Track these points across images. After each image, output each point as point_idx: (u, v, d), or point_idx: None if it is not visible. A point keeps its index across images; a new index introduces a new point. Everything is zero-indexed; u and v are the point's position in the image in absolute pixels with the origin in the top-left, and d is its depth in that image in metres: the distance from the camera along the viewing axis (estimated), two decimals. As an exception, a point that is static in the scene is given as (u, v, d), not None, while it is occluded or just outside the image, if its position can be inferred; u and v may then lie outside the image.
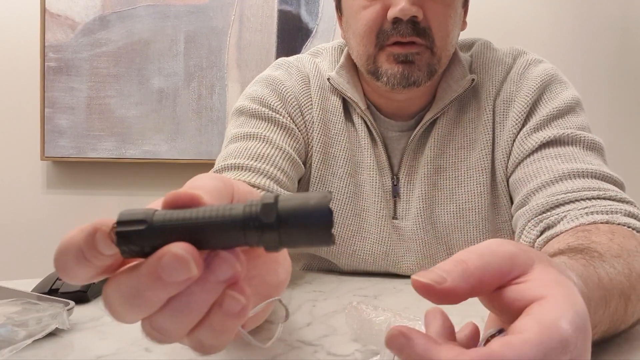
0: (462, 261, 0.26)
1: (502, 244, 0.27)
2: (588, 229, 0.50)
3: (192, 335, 0.25)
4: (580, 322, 0.24)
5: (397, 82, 0.63)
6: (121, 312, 0.24)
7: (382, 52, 0.63)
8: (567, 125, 0.62)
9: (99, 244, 0.23)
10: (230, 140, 0.68)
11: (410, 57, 0.62)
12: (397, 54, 0.62)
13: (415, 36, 0.61)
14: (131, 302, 0.23)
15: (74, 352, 0.43)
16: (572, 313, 0.24)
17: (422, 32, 0.61)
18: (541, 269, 0.27)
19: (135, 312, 0.24)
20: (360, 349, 0.44)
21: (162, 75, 1.50)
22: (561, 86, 0.66)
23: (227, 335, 0.25)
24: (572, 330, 0.23)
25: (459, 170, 0.67)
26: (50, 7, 1.48)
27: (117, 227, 0.23)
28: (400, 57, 0.62)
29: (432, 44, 0.62)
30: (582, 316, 0.25)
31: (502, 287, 0.26)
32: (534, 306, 0.25)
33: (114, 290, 0.24)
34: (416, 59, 0.62)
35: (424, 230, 0.68)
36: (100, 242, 0.23)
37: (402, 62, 0.62)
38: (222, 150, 0.68)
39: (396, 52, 0.62)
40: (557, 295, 0.25)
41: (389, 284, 0.65)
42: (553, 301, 0.25)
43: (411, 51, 0.62)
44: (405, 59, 0.62)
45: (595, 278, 0.36)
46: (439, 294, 0.25)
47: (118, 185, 1.54)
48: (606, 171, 0.58)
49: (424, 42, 0.62)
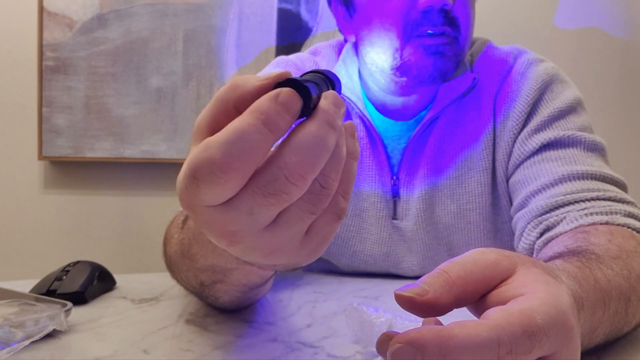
0: (443, 272, 0.26)
1: (484, 253, 0.27)
2: (587, 230, 0.49)
3: None
4: (557, 314, 0.24)
5: (429, 74, 0.60)
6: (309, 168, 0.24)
7: (410, 45, 0.60)
8: (568, 127, 0.62)
9: (288, 103, 0.23)
10: None
11: (441, 47, 0.60)
12: (429, 45, 0.59)
13: (448, 26, 0.59)
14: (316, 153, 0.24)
15: (72, 353, 0.43)
16: (546, 305, 0.24)
17: (453, 22, 0.60)
18: (523, 271, 0.27)
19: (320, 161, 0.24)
20: (361, 350, 0.43)
21: (161, 74, 1.50)
22: (562, 86, 0.65)
23: None
24: (541, 319, 0.23)
25: (459, 170, 0.67)
26: (48, 5, 1.47)
27: (303, 81, 0.25)
28: (432, 49, 0.60)
29: (459, 34, 0.61)
30: (560, 309, 0.24)
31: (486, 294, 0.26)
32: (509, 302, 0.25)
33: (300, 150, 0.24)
34: (447, 50, 0.60)
35: (424, 230, 0.68)
36: (289, 100, 0.23)
37: (433, 53, 0.60)
38: None
39: (427, 44, 0.59)
40: (535, 292, 0.25)
41: (390, 285, 0.64)
42: (529, 296, 0.25)
43: (442, 42, 0.60)
44: (437, 50, 0.60)
45: (591, 280, 0.36)
46: (422, 306, 0.25)
47: (116, 185, 1.53)
48: (607, 172, 0.57)
49: (453, 33, 0.60)
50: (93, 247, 1.51)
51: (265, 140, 0.23)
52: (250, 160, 0.23)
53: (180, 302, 0.56)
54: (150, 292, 0.60)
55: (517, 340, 0.22)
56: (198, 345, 0.45)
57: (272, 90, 0.24)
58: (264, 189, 0.24)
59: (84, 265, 0.59)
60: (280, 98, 0.23)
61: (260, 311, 0.53)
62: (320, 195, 0.25)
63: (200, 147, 0.23)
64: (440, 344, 0.22)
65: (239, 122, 0.23)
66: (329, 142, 0.24)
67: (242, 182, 0.23)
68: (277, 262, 0.27)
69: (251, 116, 0.23)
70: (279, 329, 0.48)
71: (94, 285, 0.57)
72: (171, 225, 0.53)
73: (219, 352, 0.43)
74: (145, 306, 0.55)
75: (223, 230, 0.25)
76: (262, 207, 0.24)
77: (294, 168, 0.23)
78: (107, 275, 0.61)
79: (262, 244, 0.26)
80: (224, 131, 0.23)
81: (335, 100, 0.26)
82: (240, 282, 0.43)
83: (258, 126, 0.23)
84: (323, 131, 0.24)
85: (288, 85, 0.24)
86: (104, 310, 0.54)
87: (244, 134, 0.23)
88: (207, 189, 0.23)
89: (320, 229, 0.27)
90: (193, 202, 0.24)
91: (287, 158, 0.24)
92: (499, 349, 0.22)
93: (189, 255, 0.43)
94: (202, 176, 0.23)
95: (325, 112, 0.25)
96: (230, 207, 0.24)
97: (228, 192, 0.24)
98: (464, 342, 0.22)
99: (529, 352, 0.23)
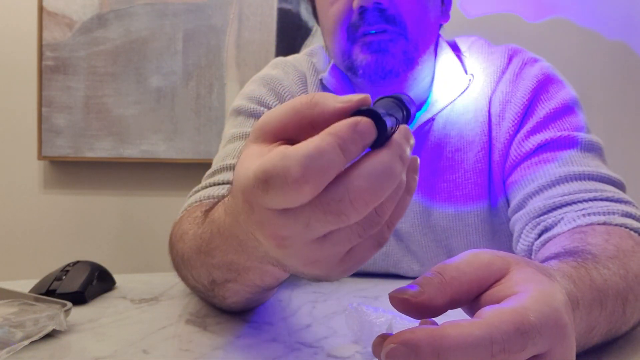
0: (437, 273, 0.26)
1: (478, 254, 0.27)
2: (585, 230, 0.49)
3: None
4: (550, 312, 0.24)
5: (373, 72, 0.61)
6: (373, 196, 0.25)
7: (355, 46, 0.62)
8: (564, 127, 0.61)
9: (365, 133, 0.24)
10: (228, 140, 0.67)
11: (383, 45, 0.61)
12: (370, 42, 0.61)
13: (384, 23, 0.60)
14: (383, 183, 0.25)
15: (71, 353, 0.43)
16: (539, 303, 0.24)
17: (391, 20, 0.61)
18: (517, 271, 0.27)
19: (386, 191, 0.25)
20: (361, 350, 0.43)
21: (161, 74, 1.50)
22: (558, 86, 0.65)
23: None
24: (534, 317, 0.23)
25: (456, 172, 0.66)
26: (48, 5, 1.47)
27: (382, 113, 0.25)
28: (373, 46, 0.61)
29: (405, 30, 0.61)
30: (553, 307, 0.24)
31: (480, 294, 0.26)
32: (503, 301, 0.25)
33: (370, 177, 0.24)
34: (390, 47, 0.61)
35: (421, 233, 0.67)
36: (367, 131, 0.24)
37: (375, 51, 0.61)
38: (220, 151, 0.68)
39: (368, 41, 0.61)
40: (528, 291, 0.25)
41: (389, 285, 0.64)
42: (522, 295, 0.25)
43: (383, 39, 0.61)
44: (379, 48, 0.61)
45: (586, 279, 0.36)
46: (417, 307, 0.25)
47: (116, 185, 1.53)
48: (604, 172, 0.57)
49: (396, 30, 0.61)
50: (92, 247, 1.51)
51: (339, 162, 0.24)
52: (324, 179, 0.24)
53: (180, 302, 0.56)
54: (150, 292, 0.60)
55: (510, 338, 0.22)
56: (198, 345, 0.45)
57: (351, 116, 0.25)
58: (326, 207, 0.24)
59: (83, 265, 0.59)
60: (359, 127, 0.24)
61: (260, 311, 0.53)
62: (372, 222, 0.26)
63: (277, 154, 0.24)
64: (433, 344, 0.22)
65: (319, 140, 0.24)
66: (397, 174, 0.25)
67: (310, 197, 0.24)
68: (313, 273, 0.28)
69: (330, 137, 0.24)
70: (279, 329, 0.49)
71: (93, 285, 0.57)
72: (182, 222, 0.52)
73: (218, 352, 0.43)
74: (145, 306, 0.55)
75: (275, 233, 0.26)
76: (319, 222, 0.25)
77: (361, 194, 0.24)
78: (106, 275, 0.61)
79: (307, 255, 0.26)
80: (303, 146, 0.24)
81: (407, 134, 0.26)
82: (253, 282, 0.43)
83: (336, 148, 0.24)
84: (394, 163, 0.25)
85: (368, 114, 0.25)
86: (103, 310, 0.54)
87: (324, 153, 0.23)
88: (276, 196, 0.24)
89: (360, 252, 0.28)
90: (255, 201, 0.25)
91: (357, 182, 0.24)
92: (492, 347, 0.22)
93: (207, 251, 0.43)
94: (274, 183, 0.24)
95: (399, 145, 0.26)
96: (289, 214, 0.25)
97: (294, 203, 0.24)
98: (457, 341, 0.22)
99: (522, 350, 0.23)
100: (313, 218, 0.24)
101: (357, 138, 0.24)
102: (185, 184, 0.86)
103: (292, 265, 0.28)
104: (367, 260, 0.29)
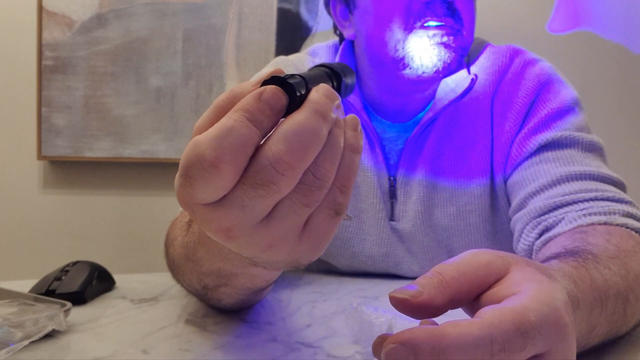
0: (437, 273, 0.26)
1: (477, 254, 0.27)
2: (585, 230, 0.49)
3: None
4: (550, 312, 0.24)
5: (433, 65, 0.59)
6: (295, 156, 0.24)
7: (413, 35, 0.59)
8: (565, 127, 0.62)
9: (270, 100, 0.24)
10: None
11: (446, 39, 0.59)
12: (434, 35, 0.58)
13: (450, 17, 0.58)
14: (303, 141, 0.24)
15: (71, 353, 0.43)
16: (539, 303, 0.24)
17: (456, 14, 0.59)
18: (517, 271, 0.27)
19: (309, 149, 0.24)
20: (361, 350, 0.43)
21: (160, 74, 1.50)
22: (559, 86, 0.65)
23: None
24: (534, 317, 0.23)
25: (458, 172, 0.66)
26: (47, 5, 1.47)
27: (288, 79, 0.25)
28: (436, 39, 0.58)
29: (462, 27, 0.60)
30: (553, 307, 0.24)
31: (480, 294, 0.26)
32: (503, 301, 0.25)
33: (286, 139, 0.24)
34: (451, 42, 0.59)
35: (423, 232, 0.67)
36: (272, 97, 0.24)
37: (437, 44, 0.59)
38: None
39: (432, 34, 0.58)
40: (528, 290, 0.25)
41: (390, 286, 0.64)
42: (522, 294, 0.25)
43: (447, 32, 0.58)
44: (441, 41, 0.58)
45: (587, 279, 0.36)
46: (416, 307, 0.25)
47: (115, 185, 1.53)
48: (605, 172, 0.57)
49: (456, 25, 0.59)
50: (92, 247, 1.51)
51: (251, 135, 0.24)
52: (239, 154, 0.23)
53: (180, 302, 0.56)
54: (149, 292, 0.60)
55: (509, 338, 0.22)
56: (197, 345, 0.45)
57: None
58: (252, 181, 0.24)
59: (83, 265, 0.59)
60: (263, 96, 0.24)
61: (260, 311, 0.53)
62: (312, 187, 0.25)
63: (189, 146, 0.24)
64: (433, 344, 0.22)
65: (226, 119, 0.24)
66: (318, 131, 0.25)
67: (233, 177, 0.24)
68: (276, 257, 0.27)
69: (236, 113, 0.24)
70: (279, 329, 0.49)
71: (93, 285, 0.57)
72: (173, 227, 0.52)
73: (218, 352, 0.43)
74: (144, 306, 0.55)
75: (219, 226, 0.25)
76: (252, 200, 0.24)
77: (281, 156, 0.24)
78: (106, 275, 0.61)
79: (258, 239, 0.26)
80: (211, 129, 0.24)
81: (326, 92, 0.26)
82: (245, 285, 0.43)
83: (244, 122, 0.23)
84: (312, 120, 0.24)
85: (273, 83, 0.25)
86: (103, 310, 0.54)
87: (231, 129, 0.23)
88: (200, 186, 0.24)
89: (318, 225, 0.27)
90: (189, 200, 0.25)
91: (274, 147, 0.24)
92: (492, 346, 0.22)
93: (194, 260, 0.43)
94: (194, 173, 0.23)
95: (315, 102, 0.25)
96: (223, 203, 0.24)
97: (220, 189, 0.24)
98: (457, 341, 0.22)
99: (522, 349, 0.23)
100: (246, 197, 0.24)
101: (263, 107, 0.24)
102: (185, 183, 0.86)
103: (252, 255, 0.27)
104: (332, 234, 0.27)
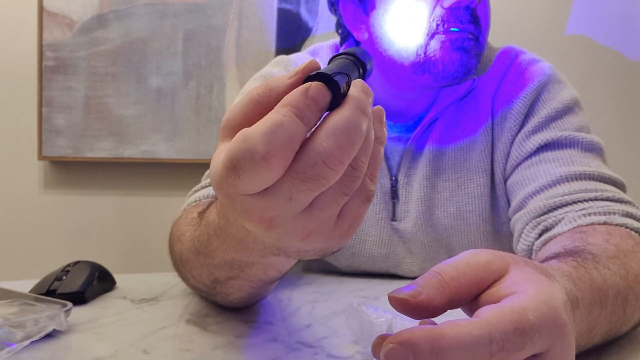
0: (436, 274, 0.26)
1: (476, 254, 0.27)
2: (585, 230, 0.49)
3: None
4: (549, 311, 0.24)
5: (454, 70, 0.59)
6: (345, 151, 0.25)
7: (434, 41, 0.59)
8: (565, 127, 0.62)
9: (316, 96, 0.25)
10: None
11: (467, 44, 0.59)
12: (455, 39, 0.59)
13: (472, 24, 0.59)
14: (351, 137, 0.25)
15: (72, 353, 0.43)
16: (538, 302, 0.24)
17: (477, 21, 0.60)
18: (516, 270, 0.27)
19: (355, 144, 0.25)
20: (361, 350, 0.43)
21: (161, 74, 1.50)
22: (559, 86, 0.65)
23: None
24: (533, 316, 0.23)
25: (459, 171, 0.67)
26: (48, 5, 1.47)
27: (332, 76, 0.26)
28: (458, 44, 0.59)
29: (480, 33, 0.60)
30: (552, 306, 0.25)
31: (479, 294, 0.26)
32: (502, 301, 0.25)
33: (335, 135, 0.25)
34: (471, 48, 0.60)
35: (423, 232, 0.68)
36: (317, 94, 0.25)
37: (459, 49, 0.59)
38: None
39: (454, 38, 0.59)
40: (527, 290, 0.25)
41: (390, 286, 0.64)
42: (521, 294, 0.25)
43: (467, 37, 0.59)
44: (462, 46, 0.59)
45: (586, 279, 0.36)
46: (416, 307, 0.25)
47: (116, 185, 1.53)
48: (605, 172, 0.57)
49: (476, 32, 0.60)
50: (93, 247, 1.51)
51: (299, 130, 0.24)
52: (289, 148, 0.24)
53: (180, 302, 0.57)
54: (150, 292, 0.60)
55: (508, 338, 0.22)
56: (198, 345, 0.45)
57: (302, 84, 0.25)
58: (303, 175, 0.25)
59: (83, 265, 0.59)
60: (310, 92, 0.25)
61: (260, 311, 0.53)
62: (352, 177, 0.27)
63: (238, 139, 0.25)
64: (432, 344, 0.22)
65: (275, 114, 0.24)
66: (361, 126, 0.26)
67: (281, 170, 0.25)
68: (312, 245, 0.28)
69: (284, 109, 0.24)
70: (279, 329, 0.49)
71: (93, 285, 0.57)
72: (178, 224, 0.52)
73: (219, 352, 0.43)
74: (145, 306, 0.55)
75: (261, 216, 0.26)
76: (301, 192, 0.25)
77: (332, 152, 0.25)
78: (107, 275, 0.61)
79: (299, 227, 0.27)
80: (261, 123, 0.24)
81: (364, 88, 0.27)
82: (257, 277, 0.43)
83: (293, 117, 0.24)
84: (356, 116, 0.26)
85: (317, 78, 0.26)
86: (103, 310, 0.54)
87: (281, 125, 0.24)
88: (249, 178, 0.24)
89: (352, 211, 0.28)
90: (232, 191, 0.26)
91: (325, 143, 0.25)
92: (491, 346, 0.22)
93: (206, 252, 0.43)
94: (243, 166, 0.24)
95: (357, 99, 0.26)
96: (269, 194, 0.25)
97: (268, 180, 0.25)
98: (456, 340, 0.22)
99: (521, 349, 0.23)
100: (294, 190, 0.25)
101: (310, 103, 0.25)
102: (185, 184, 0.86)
103: (289, 244, 0.28)
104: (362, 218, 0.29)
